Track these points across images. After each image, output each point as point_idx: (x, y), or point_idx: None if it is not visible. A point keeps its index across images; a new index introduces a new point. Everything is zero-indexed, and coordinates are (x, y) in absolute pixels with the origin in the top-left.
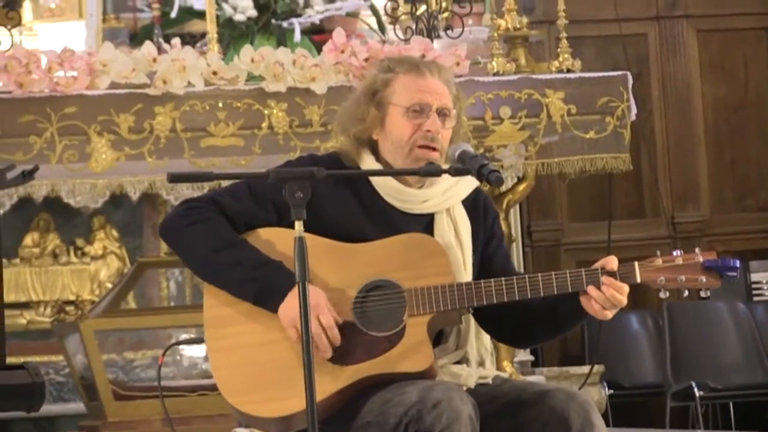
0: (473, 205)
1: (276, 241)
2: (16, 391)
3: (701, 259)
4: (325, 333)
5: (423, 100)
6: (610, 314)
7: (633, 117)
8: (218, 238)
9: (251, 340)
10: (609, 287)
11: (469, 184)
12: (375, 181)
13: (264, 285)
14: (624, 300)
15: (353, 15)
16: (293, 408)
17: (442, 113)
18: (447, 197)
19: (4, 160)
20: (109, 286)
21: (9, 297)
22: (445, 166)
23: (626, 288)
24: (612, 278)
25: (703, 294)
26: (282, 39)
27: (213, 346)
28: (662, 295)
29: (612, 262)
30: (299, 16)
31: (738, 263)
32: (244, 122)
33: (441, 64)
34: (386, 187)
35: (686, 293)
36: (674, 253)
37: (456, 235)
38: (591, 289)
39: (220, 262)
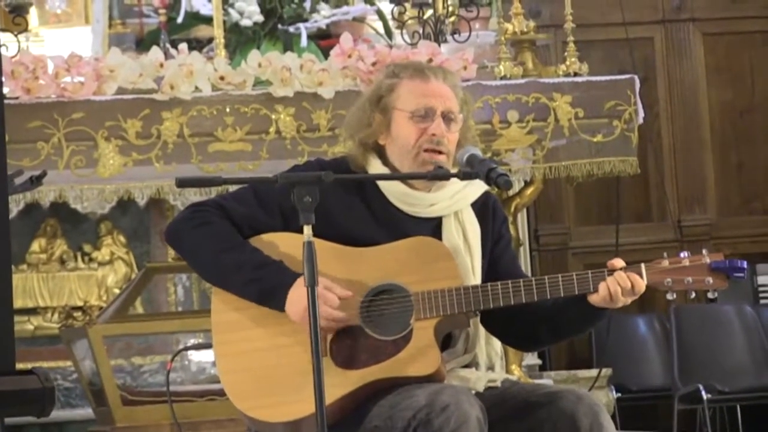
0: (483, 208)
1: (281, 244)
2: (26, 396)
3: (708, 261)
4: (329, 291)
5: (427, 105)
6: (621, 302)
7: (641, 120)
8: (222, 240)
9: (259, 345)
10: (622, 277)
11: (477, 187)
12: (382, 185)
13: (266, 285)
14: (641, 286)
15: (360, 20)
16: (301, 412)
17: (447, 117)
18: (455, 200)
19: (11, 166)
20: (117, 291)
21: (16, 303)
22: (454, 170)
23: (640, 280)
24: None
25: (710, 295)
26: (288, 44)
27: (221, 351)
28: (669, 296)
29: (618, 263)
30: (306, 21)
31: (745, 264)
32: (252, 127)
33: (447, 68)
34: (394, 191)
35: (693, 294)
36: (681, 255)
37: (464, 238)
38: (606, 281)
39: (223, 264)
